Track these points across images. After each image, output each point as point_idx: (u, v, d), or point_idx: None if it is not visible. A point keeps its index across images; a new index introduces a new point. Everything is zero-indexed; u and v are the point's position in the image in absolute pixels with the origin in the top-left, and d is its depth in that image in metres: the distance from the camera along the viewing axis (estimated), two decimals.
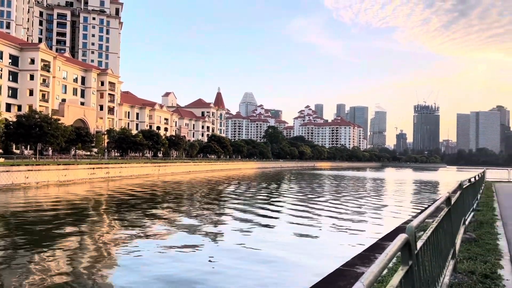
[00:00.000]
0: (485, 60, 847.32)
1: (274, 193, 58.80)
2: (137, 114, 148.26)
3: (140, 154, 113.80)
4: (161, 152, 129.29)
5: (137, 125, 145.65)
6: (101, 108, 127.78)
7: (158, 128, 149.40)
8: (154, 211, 37.18)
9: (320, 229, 29.48)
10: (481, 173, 28.12)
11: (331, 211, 39.21)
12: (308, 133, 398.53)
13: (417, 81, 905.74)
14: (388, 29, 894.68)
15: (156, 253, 21.40)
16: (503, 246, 11.11)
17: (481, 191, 26.19)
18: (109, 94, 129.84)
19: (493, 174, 53.61)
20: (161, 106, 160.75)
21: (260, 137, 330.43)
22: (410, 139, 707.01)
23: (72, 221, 31.23)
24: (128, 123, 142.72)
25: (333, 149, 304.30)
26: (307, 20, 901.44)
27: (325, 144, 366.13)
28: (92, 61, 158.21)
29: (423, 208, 31.65)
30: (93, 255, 20.96)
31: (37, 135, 70.70)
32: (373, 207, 43.62)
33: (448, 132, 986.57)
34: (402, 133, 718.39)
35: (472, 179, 17.23)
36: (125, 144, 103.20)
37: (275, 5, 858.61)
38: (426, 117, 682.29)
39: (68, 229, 27.68)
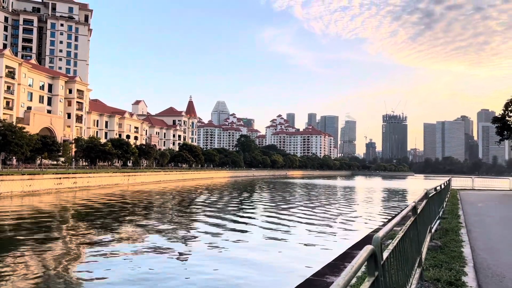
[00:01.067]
0: (449, 71, 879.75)
1: (246, 202, 58.63)
2: (106, 122, 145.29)
3: (109, 163, 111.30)
4: (131, 161, 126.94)
5: (106, 133, 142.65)
6: (69, 116, 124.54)
7: (128, 136, 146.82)
8: (121, 222, 36.34)
9: (291, 239, 29.54)
10: (446, 182, 28.93)
11: (302, 219, 39.40)
12: (280, 142, 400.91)
13: (385, 91, 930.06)
14: (358, 41, 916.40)
15: (122, 271, 20.87)
16: (467, 253, 11.40)
17: (446, 199, 26.91)
18: (77, 102, 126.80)
19: (458, 182, 55.33)
20: (131, 115, 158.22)
21: (232, 146, 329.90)
22: (379, 148, 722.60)
23: (31, 233, 30.09)
24: (97, 132, 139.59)
25: (304, 157, 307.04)
26: (278, 30, 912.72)
27: (296, 152, 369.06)
28: (60, 68, 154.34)
29: (392, 216, 32.24)
30: (48, 273, 20.24)
31: (0, 144, 68.10)
32: (343, 215, 44.12)
33: (415, 141, 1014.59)
34: (371, 142, 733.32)
35: (438, 188, 17.68)
36: (94, 153, 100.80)
37: (246, 15, 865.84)
38: (395, 126, 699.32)
39: (26, 241, 26.65)
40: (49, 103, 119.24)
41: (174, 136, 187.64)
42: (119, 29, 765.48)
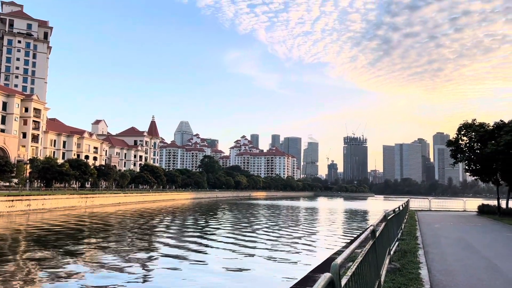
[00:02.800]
0: (407, 95, 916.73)
1: (208, 224, 57.75)
2: (64, 142, 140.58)
3: (66, 185, 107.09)
4: (89, 182, 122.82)
5: (64, 154, 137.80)
6: (24, 135, 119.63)
7: (87, 157, 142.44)
8: (78, 245, 34.76)
9: (252, 261, 29.18)
10: (405, 203, 29.67)
11: (264, 242, 39.12)
12: (244, 162, 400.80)
13: (346, 114, 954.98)
14: (320, 65, 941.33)
15: None
16: (424, 275, 11.60)
17: (405, 220, 27.56)
18: (33, 121, 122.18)
19: (416, 203, 57.05)
20: (91, 134, 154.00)
21: (195, 166, 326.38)
22: (340, 169, 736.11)
23: None
24: (54, 152, 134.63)
25: (268, 178, 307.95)
26: (243, 53, 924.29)
27: (260, 173, 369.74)
28: (16, 86, 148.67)
29: (352, 239, 32.60)
30: None
31: None
32: (306, 237, 44.21)
33: (375, 163, 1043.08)
34: (333, 163, 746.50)
35: (397, 209, 18.06)
36: (50, 174, 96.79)
37: (211, 37, 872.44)
38: (355, 148, 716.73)
39: None
40: (3, 122, 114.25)
41: (135, 156, 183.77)
42: (81, 48, 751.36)
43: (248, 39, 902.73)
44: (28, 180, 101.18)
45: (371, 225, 8.20)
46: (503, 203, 46.57)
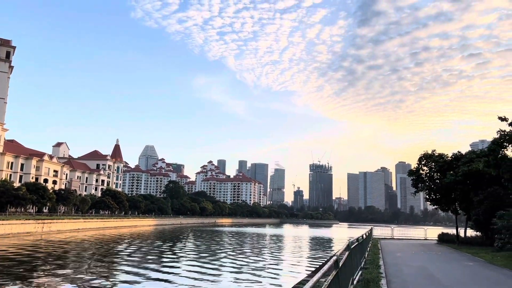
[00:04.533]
0: (370, 125, 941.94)
1: (169, 252, 56.15)
2: (22, 165, 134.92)
3: (22, 209, 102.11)
4: (47, 207, 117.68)
5: (21, 177, 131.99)
6: None
7: (46, 180, 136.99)
8: (32, 272, 32.79)
9: None
10: (368, 231, 29.95)
11: (227, 270, 38.31)
12: (210, 188, 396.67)
13: (313, 142, 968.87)
14: (287, 93, 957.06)
15: None
16: None
17: (368, 248, 27.74)
18: None
19: (379, 231, 57.87)
20: (51, 157, 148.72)
21: (160, 192, 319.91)
22: (306, 196, 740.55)
23: None
24: (11, 175, 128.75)
25: (234, 205, 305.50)
26: (211, 79, 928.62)
27: (226, 199, 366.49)
28: None
29: (318, 266, 32.43)
30: None
31: None
32: (271, 266, 43.67)
33: (340, 190, 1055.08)
34: (299, 190, 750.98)
35: (360, 238, 18.12)
36: (5, 198, 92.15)
37: (179, 62, 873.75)
38: (321, 175, 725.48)
39: None
40: None
41: (97, 181, 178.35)
42: (46, 68, 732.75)
43: (217, 65, 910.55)
44: None
45: (334, 255, 8.11)
46: (461, 232, 47.93)
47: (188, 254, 53.72)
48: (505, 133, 33.41)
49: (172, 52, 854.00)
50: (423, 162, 49.16)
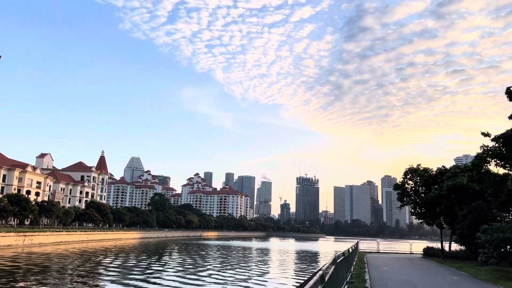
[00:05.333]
0: (357, 138, 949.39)
1: (153, 266, 55.28)
2: (4, 176, 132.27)
3: (3, 221, 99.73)
4: (29, 219, 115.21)
5: (3, 188, 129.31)
6: None
7: (28, 192, 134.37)
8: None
9: None
10: (354, 245, 29.94)
11: (213, 285, 37.81)
12: (196, 201, 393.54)
13: (300, 155, 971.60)
14: (274, 106, 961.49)
15: None
16: None
17: (354, 262, 27.69)
18: None
19: (365, 244, 57.95)
20: (35, 168, 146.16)
21: (145, 204, 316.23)
22: (293, 209, 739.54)
23: None
24: None
25: (220, 218, 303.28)
26: (199, 91, 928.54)
27: (213, 212, 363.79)
28: None
29: (303, 281, 32.23)
30: None
31: None
32: (256, 280, 43.24)
33: (326, 203, 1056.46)
34: (286, 203, 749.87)
35: (346, 252, 18.06)
36: None
37: (167, 74, 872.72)
38: (307, 188, 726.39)
39: None
40: None
41: (81, 193, 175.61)
42: (31, 77, 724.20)
43: (205, 78, 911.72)
44: None
45: (320, 269, 8.03)
46: (446, 246, 48.24)
47: (172, 268, 52.93)
48: (488, 148, 33.94)
49: (160, 64, 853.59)
50: (408, 176, 49.60)
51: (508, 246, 29.94)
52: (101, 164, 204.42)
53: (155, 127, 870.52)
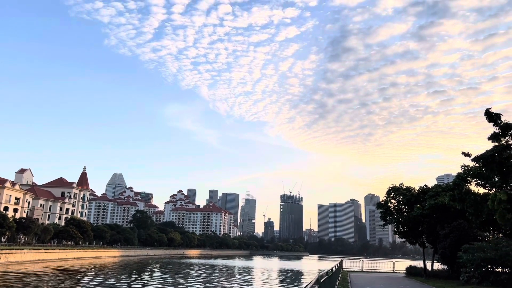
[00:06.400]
0: (340, 157, 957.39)
1: (134, 286, 54.03)
2: None
3: None
4: (6, 236, 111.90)
5: None
6: None
7: (6, 208, 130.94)
8: None
9: None
10: (338, 264, 29.82)
11: None
12: (179, 218, 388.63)
13: (284, 172, 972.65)
14: (259, 124, 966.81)
15: None
16: None
17: (338, 282, 27.52)
18: None
19: (348, 263, 57.85)
20: (14, 184, 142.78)
21: (127, 221, 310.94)
22: (277, 227, 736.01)
23: None
24: None
25: (203, 236, 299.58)
26: (183, 107, 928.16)
27: (196, 230, 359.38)
28: None
29: None
30: None
31: None
32: None
33: (310, 221, 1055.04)
34: (270, 221, 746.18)
35: (330, 271, 17.95)
36: None
37: (152, 90, 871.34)
38: (292, 206, 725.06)
39: None
40: None
41: (61, 209, 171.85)
42: (11, 90, 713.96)
43: (190, 94, 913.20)
44: None
45: None
46: (429, 265, 48.42)
47: (154, 287, 51.83)
48: (469, 168, 34.50)
49: (145, 80, 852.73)
50: (391, 195, 49.93)
51: (489, 266, 30.23)
52: (83, 180, 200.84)
53: (139, 143, 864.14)
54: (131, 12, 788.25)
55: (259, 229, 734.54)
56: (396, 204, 49.91)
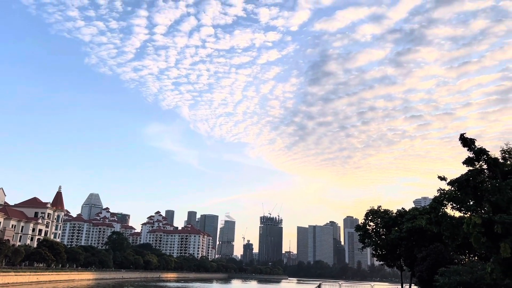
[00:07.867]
0: (320, 179, 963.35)
1: None
2: None
3: None
4: None
5: None
6: None
7: None
8: None
9: None
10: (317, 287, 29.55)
11: None
12: (156, 240, 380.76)
13: (264, 194, 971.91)
14: (240, 145, 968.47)
15: None
16: None
17: None
18: None
19: (327, 287, 57.48)
20: None
21: (102, 243, 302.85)
22: (256, 249, 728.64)
23: None
24: None
25: (181, 258, 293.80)
26: (164, 128, 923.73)
27: (173, 252, 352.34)
28: None
29: None
30: None
31: None
32: None
33: (290, 244, 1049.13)
34: (249, 243, 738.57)
35: None
36: None
37: (132, 109, 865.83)
38: (271, 228, 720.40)
39: None
40: None
41: (34, 230, 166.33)
42: None
43: (171, 114, 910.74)
44: None
45: None
46: None
47: None
48: (445, 192, 35.10)
49: (125, 99, 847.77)
50: (369, 218, 50.32)
51: None
52: (58, 200, 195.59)
53: (117, 163, 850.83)
54: (113, 32, 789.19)
55: (238, 252, 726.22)
56: (374, 227, 50.27)
